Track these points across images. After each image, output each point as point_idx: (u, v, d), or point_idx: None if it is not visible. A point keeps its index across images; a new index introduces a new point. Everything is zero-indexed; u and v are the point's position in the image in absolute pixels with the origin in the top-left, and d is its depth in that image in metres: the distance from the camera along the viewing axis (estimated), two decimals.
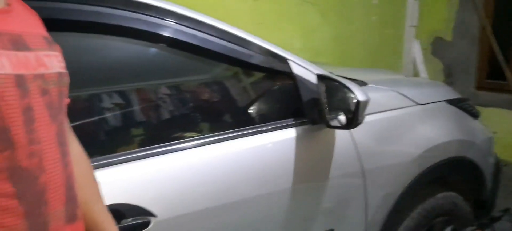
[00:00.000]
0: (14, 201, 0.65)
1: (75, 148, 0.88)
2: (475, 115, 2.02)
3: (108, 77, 1.19)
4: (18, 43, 0.68)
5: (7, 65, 0.64)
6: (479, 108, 3.89)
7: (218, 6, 2.84)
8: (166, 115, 1.27)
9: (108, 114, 1.14)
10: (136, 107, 1.22)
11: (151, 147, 1.11)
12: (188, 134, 1.25)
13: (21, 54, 0.68)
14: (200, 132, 1.29)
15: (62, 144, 0.73)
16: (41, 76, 0.70)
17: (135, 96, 1.23)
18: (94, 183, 0.90)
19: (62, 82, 0.76)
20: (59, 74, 0.75)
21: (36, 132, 0.68)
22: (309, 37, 3.42)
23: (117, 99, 1.18)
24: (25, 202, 0.66)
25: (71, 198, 0.75)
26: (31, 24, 0.76)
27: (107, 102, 1.16)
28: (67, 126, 0.79)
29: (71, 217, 0.75)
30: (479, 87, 4.05)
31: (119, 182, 1.03)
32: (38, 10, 0.81)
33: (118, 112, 1.15)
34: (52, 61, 0.74)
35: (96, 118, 1.12)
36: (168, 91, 1.30)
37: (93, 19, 1.05)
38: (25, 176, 0.66)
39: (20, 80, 0.66)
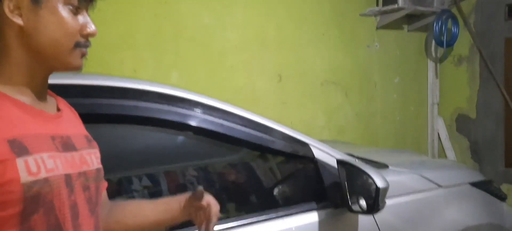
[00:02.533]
0: None
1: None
2: (502, 197, 1.99)
3: (138, 162, 1.28)
4: (67, 145, 0.78)
5: (60, 167, 0.74)
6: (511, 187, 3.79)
7: (246, 88, 3.00)
8: None
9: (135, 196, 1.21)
10: (164, 187, 1.29)
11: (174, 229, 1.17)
12: None
13: (69, 155, 0.77)
14: (224, 215, 1.33)
15: None
16: (84, 174, 0.79)
17: (163, 178, 1.31)
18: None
19: (99, 178, 0.85)
20: (97, 170, 0.84)
21: (80, 226, 0.76)
22: (332, 115, 3.50)
23: (146, 182, 1.26)
24: None
25: None
26: (76, 125, 0.87)
27: (134, 185, 1.24)
28: (101, 219, 0.86)
29: None
30: (509, 164, 3.96)
31: None
32: (81, 106, 0.92)
33: (146, 193, 1.22)
34: (92, 159, 0.83)
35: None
36: (193, 174, 1.37)
37: (133, 113, 1.16)
38: None
39: (68, 180, 0.75)
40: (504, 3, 3.78)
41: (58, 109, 0.84)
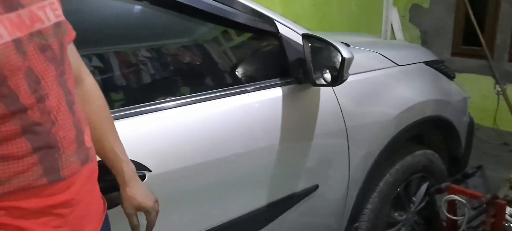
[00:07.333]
0: (29, 151, 0.67)
1: (88, 84, 0.89)
2: (451, 76, 2.10)
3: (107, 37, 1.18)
4: (10, 2, 0.66)
5: (4, 34, 0.63)
6: None
7: None
8: (159, 74, 1.28)
9: (103, 72, 1.14)
10: (132, 67, 1.22)
11: (145, 104, 1.13)
12: (180, 93, 1.27)
13: (13, 15, 0.65)
14: (191, 91, 1.30)
15: (68, 93, 0.74)
16: (38, 33, 0.69)
17: (126, 57, 1.23)
18: (107, 120, 0.91)
19: (61, 33, 0.74)
20: (56, 24, 0.73)
21: (43, 89, 0.68)
22: (289, 4, 3.42)
23: (111, 57, 1.18)
24: (39, 152, 0.68)
25: (81, 142, 0.77)
26: None
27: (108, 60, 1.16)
28: (71, 73, 0.78)
29: (85, 159, 0.78)
30: (454, 53, 4.16)
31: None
32: None
33: (113, 71, 1.15)
34: (47, 13, 0.71)
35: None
36: (161, 52, 1.30)
37: None
38: (38, 131, 0.68)
39: (18, 45, 0.65)
40: None
41: None
